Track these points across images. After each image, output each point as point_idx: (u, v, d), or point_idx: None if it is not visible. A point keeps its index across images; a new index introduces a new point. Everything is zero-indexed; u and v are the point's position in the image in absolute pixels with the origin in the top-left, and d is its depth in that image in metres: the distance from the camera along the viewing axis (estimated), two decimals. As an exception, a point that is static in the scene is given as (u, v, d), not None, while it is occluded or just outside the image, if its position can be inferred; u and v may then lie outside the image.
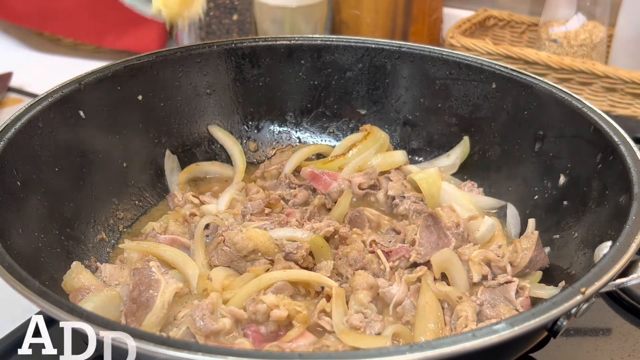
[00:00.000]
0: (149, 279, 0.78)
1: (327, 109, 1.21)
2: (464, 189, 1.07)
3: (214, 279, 0.83)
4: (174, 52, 1.11)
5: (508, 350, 0.70)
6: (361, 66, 1.18)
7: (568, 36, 1.51)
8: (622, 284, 0.70)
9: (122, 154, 1.05)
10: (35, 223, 0.85)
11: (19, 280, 0.65)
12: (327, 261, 0.87)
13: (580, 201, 0.92)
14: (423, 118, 1.17)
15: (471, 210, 1.00)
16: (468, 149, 1.12)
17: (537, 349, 0.83)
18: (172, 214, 1.02)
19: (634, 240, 0.71)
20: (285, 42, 1.17)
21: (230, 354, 0.55)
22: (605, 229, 0.81)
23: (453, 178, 1.12)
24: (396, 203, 1.04)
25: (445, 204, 1.01)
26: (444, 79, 1.13)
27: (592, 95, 1.42)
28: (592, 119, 0.92)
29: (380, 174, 1.09)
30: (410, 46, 1.15)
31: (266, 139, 1.21)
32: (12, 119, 0.88)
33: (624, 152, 0.85)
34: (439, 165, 1.13)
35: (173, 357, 0.55)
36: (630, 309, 0.93)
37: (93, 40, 1.66)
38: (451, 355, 0.56)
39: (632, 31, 1.49)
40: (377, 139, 1.13)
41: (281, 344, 0.74)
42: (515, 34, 1.74)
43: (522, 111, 1.05)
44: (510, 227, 1.02)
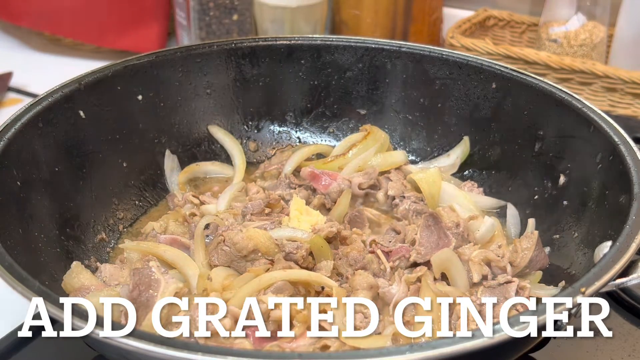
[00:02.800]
0: (148, 279, 0.78)
1: (327, 109, 1.21)
2: (464, 189, 1.07)
3: (214, 279, 0.83)
4: (174, 52, 1.11)
5: (508, 350, 0.70)
6: (361, 66, 1.18)
7: (568, 36, 1.51)
8: (622, 284, 0.70)
9: (122, 154, 1.05)
10: (35, 223, 0.85)
11: (19, 280, 0.65)
12: (327, 261, 0.87)
13: (580, 201, 0.92)
14: (423, 118, 1.17)
15: (471, 210, 1.00)
16: (468, 149, 1.12)
17: (537, 349, 0.83)
18: (172, 214, 1.02)
19: (634, 240, 0.71)
20: (285, 42, 1.17)
21: (230, 354, 0.55)
22: (605, 229, 0.81)
23: (453, 178, 1.12)
24: (396, 203, 1.04)
25: (445, 204, 1.01)
26: (444, 79, 1.13)
27: (592, 95, 1.42)
28: (592, 119, 0.92)
29: (380, 174, 1.09)
30: (410, 46, 1.15)
31: (266, 139, 1.21)
32: (12, 119, 0.88)
33: (624, 152, 0.85)
34: (439, 165, 1.13)
35: (173, 357, 0.55)
36: (630, 309, 0.93)
37: (93, 40, 1.66)
38: (451, 355, 0.56)
39: (632, 31, 1.49)
40: (377, 139, 1.13)
41: (281, 344, 0.74)
42: (515, 34, 1.74)
43: (522, 111, 1.05)
44: (510, 227, 1.02)
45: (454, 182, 1.10)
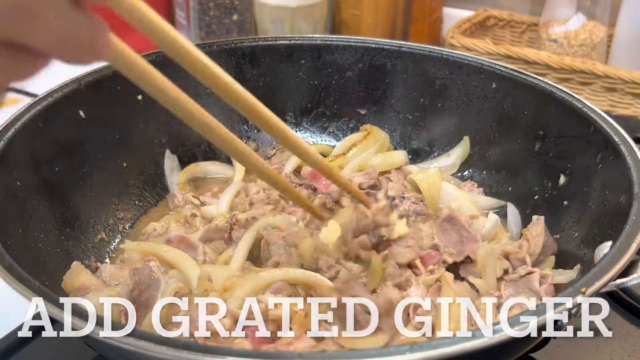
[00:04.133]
0: (148, 279, 0.78)
1: (327, 109, 1.21)
2: (464, 189, 1.07)
3: (215, 280, 0.83)
4: (174, 52, 1.11)
5: (508, 350, 0.70)
6: (361, 66, 1.18)
7: (568, 36, 1.51)
8: (622, 284, 0.70)
9: (122, 154, 1.05)
10: (35, 223, 0.85)
11: (19, 280, 0.65)
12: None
13: (580, 201, 0.92)
14: (423, 118, 1.17)
15: (471, 211, 1.00)
16: (468, 148, 1.12)
17: (537, 349, 0.83)
18: (174, 215, 1.02)
19: (634, 240, 0.70)
20: (285, 42, 1.17)
21: (229, 354, 0.55)
22: (605, 229, 0.81)
23: (453, 178, 1.12)
24: (396, 203, 1.04)
25: (446, 204, 1.01)
26: (444, 79, 1.13)
27: (592, 95, 1.42)
28: (592, 118, 0.92)
29: (380, 174, 1.09)
30: (410, 46, 1.15)
31: (266, 139, 1.21)
32: (12, 119, 0.88)
33: (624, 152, 0.85)
34: (439, 165, 1.13)
35: (173, 357, 0.55)
36: (630, 309, 0.93)
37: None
38: (451, 355, 0.56)
39: (632, 31, 1.50)
40: (377, 138, 1.12)
41: (278, 346, 0.73)
42: (515, 34, 1.74)
43: (522, 111, 1.05)
44: (511, 225, 1.02)
45: (454, 182, 1.10)
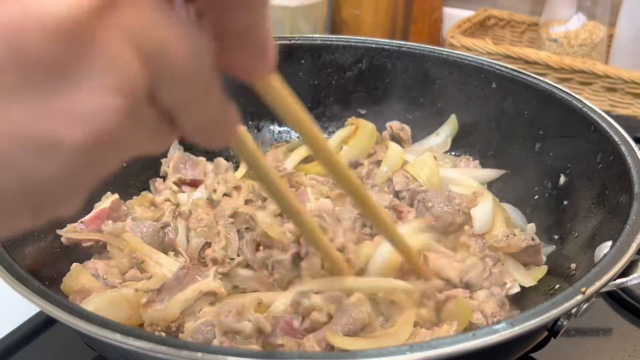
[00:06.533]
0: (199, 271, 0.78)
1: (327, 109, 1.21)
2: (461, 165, 1.07)
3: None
4: (174, 52, 1.11)
5: (508, 350, 0.70)
6: (361, 66, 1.18)
7: (568, 36, 1.51)
8: (622, 283, 0.70)
9: (122, 154, 1.04)
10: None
11: (19, 280, 0.65)
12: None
13: (580, 201, 0.92)
14: (423, 118, 1.17)
15: (473, 187, 0.99)
16: (456, 126, 1.12)
17: (537, 349, 0.83)
18: (138, 199, 1.00)
19: (634, 240, 0.70)
20: (285, 42, 1.17)
21: (229, 354, 0.55)
22: (605, 229, 0.81)
23: (447, 156, 1.11)
24: (403, 196, 1.02)
25: (446, 188, 1.00)
26: (444, 78, 1.13)
27: (592, 95, 1.42)
28: (592, 118, 0.92)
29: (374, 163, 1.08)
30: (410, 46, 1.15)
31: (266, 139, 1.21)
32: (12, 119, 0.88)
33: (624, 152, 0.85)
34: (430, 145, 1.12)
35: (173, 357, 0.55)
36: (630, 309, 0.93)
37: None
38: (451, 355, 0.56)
39: (632, 31, 1.50)
40: (366, 131, 1.12)
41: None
42: (515, 33, 1.74)
43: (522, 111, 1.04)
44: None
45: (448, 159, 1.09)
